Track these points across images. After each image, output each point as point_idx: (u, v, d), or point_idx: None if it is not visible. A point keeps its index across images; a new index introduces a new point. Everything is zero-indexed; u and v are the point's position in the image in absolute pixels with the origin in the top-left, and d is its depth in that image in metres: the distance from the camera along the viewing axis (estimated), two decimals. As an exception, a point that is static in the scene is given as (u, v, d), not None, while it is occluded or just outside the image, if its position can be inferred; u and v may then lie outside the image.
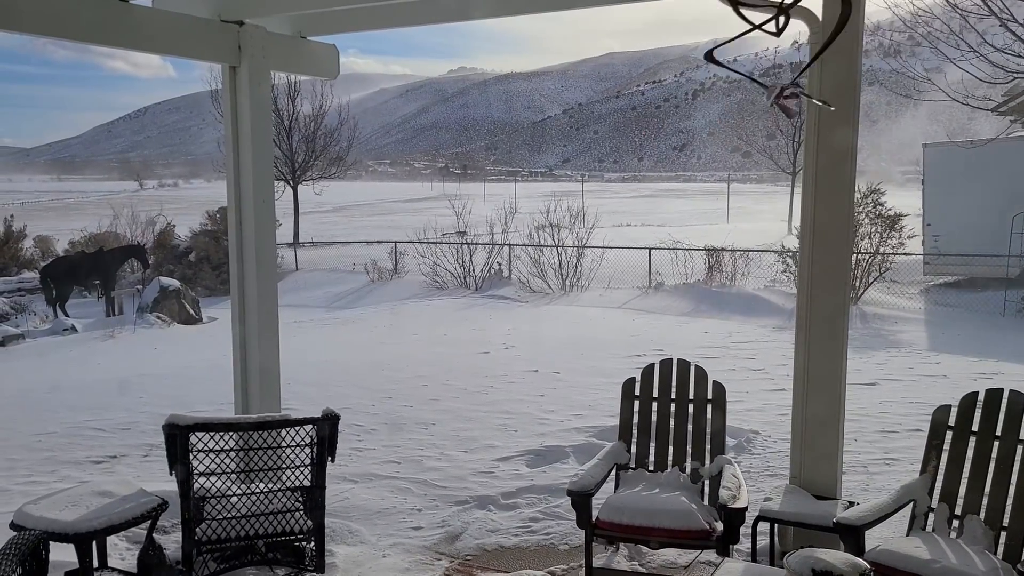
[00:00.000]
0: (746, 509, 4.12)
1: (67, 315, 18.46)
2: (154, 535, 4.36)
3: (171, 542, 4.72)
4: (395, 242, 23.94)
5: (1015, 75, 8.90)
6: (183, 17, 4.99)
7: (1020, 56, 8.66)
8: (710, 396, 4.81)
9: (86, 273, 19.99)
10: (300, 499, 4.54)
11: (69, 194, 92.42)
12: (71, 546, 3.89)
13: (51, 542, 3.98)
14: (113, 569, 4.32)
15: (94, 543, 4.05)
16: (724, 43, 2.46)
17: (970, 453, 4.02)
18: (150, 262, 22.17)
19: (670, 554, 4.82)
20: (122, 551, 4.74)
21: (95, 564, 4.10)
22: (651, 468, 4.84)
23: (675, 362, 4.93)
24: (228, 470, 4.42)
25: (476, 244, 21.24)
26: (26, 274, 22.47)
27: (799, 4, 3.37)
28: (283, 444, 4.54)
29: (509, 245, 21.00)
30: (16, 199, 74.18)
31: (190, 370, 10.96)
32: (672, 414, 4.86)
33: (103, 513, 4.02)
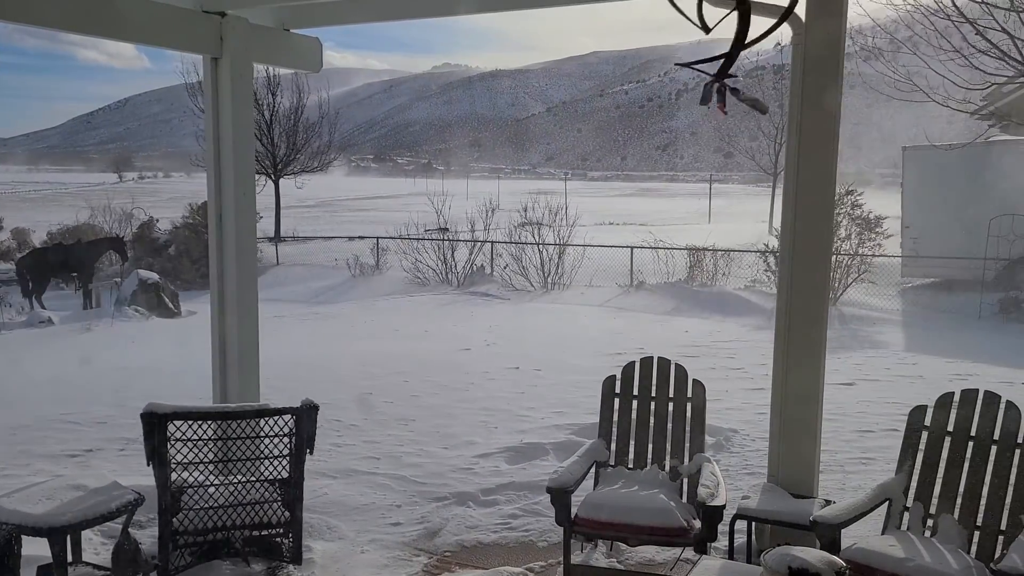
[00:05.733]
0: (724, 507, 4.14)
1: (44, 307, 18.25)
2: (129, 529, 4.32)
3: (147, 536, 4.68)
4: (377, 238, 23.84)
5: (994, 78, 8.97)
6: (164, 7, 4.94)
7: (1001, 59, 8.72)
8: (690, 394, 4.83)
9: (63, 265, 19.76)
10: (278, 491, 4.53)
11: (47, 185, 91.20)
12: (45, 540, 3.85)
13: (24, 536, 3.95)
14: (87, 563, 4.28)
15: (68, 537, 4.01)
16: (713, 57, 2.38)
17: (945, 453, 4.06)
18: (129, 255, 21.95)
19: (648, 551, 4.84)
20: (97, 545, 4.70)
21: (69, 558, 4.06)
22: (631, 466, 4.86)
23: (655, 360, 4.95)
24: (206, 460, 4.40)
25: (458, 240, 21.20)
26: (2, 265, 22.22)
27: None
28: (262, 434, 4.52)
29: (491, 242, 20.98)
30: (-7, 189, 73.22)
31: (168, 364, 10.84)
32: (652, 412, 4.88)
33: (77, 507, 3.98)
